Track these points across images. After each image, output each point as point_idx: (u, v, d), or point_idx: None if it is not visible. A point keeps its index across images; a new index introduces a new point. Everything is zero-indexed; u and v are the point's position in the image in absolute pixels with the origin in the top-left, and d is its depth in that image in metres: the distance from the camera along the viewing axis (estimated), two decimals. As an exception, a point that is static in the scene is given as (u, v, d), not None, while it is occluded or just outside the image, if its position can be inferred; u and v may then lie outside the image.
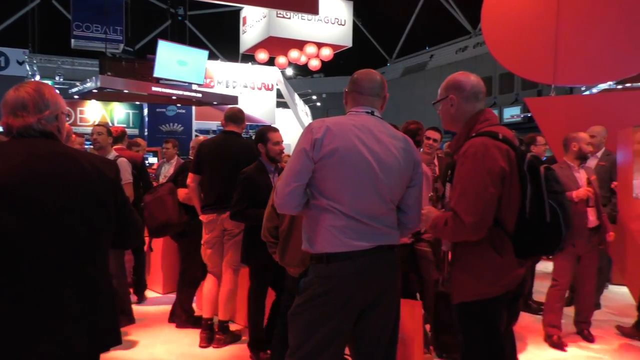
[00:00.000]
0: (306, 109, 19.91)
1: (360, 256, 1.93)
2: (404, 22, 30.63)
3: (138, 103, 15.40)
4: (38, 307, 1.50)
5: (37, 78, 17.07)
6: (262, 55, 13.71)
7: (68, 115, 13.88)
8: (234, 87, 15.54)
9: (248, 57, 15.52)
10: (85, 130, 12.30)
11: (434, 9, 27.90)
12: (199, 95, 12.63)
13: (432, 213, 2.18)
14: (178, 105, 14.38)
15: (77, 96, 12.69)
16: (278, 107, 17.24)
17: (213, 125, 16.16)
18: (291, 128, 15.50)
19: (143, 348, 3.87)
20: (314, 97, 29.87)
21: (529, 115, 17.01)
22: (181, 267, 4.38)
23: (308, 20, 12.72)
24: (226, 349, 3.80)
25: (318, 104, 30.26)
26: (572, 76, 6.05)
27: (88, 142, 7.49)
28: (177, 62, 12.15)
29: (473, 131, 2.11)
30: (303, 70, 25.47)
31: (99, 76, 10.70)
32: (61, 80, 18.40)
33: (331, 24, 13.09)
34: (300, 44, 13.11)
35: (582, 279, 3.99)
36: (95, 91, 11.02)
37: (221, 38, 25.86)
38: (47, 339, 1.51)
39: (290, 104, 17.34)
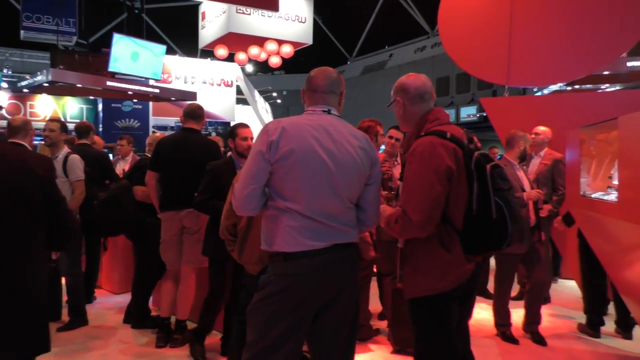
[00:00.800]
0: (266, 106, 19.82)
1: (317, 255, 1.95)
2: (364, 21, 30.90)
3: (92, 98, 14.93)
4: None
5: (-16, 70, 16.30)
6: (222, 51, 13.53)
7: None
8: (193, 83, 15.29)
9: (207, 53, 15.30)
10: (37, 125, 11.82)
11: (394, 9, 28.28)
12: (157, 90, 12.41)
13: (386, 211, 2.22)
14: (134, 100, 14.05)
15: (27, 90, 12.27)
16: (238, 104, 17.09)
17: (171, 121, 15.87)
18: (251, 125, 15.36)
19: (96, 350, 3.77)
20: (275, 94, 29.79)
21: (485, 114, 17.50)
22: (137, 266, 4.29)
23: (268, 17, 12.64)
24: (184, 349, 3.74)
25: (279, 101, 30.18)
26: (525, 77, 6.27)
27: (39, 138, 7.26)
28: (134, 57, 11.86)
29: (423, 130, 2.17)
30: (263, 67, 25.30)
31: (50, 69, 10.37)
32: (10, 72, 17.64)
33: (291, 21, 13.05)
34: (260, 41, 13.02)
35: (531, 276, 4.01)
36: (46, 85, 10.70)
37: (179, 33, 25.42)
38: None
39: (250, 101, 17.21)
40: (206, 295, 3.59)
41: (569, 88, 10.09)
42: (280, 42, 13.14)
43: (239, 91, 16.81)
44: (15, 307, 1.54)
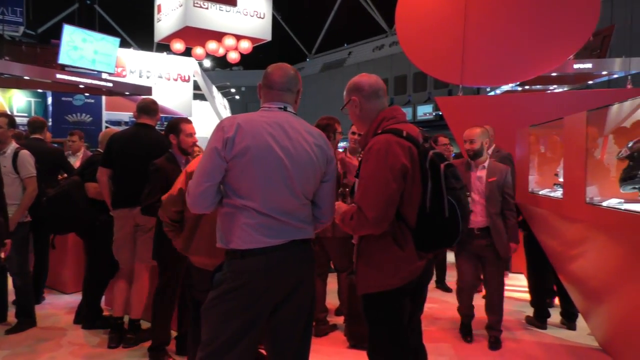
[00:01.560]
0: (225, 102, 19.58)
1: (274, 251, 1.95)
2: (323, 19, 30.98)
3: (41, 91, 14.35)
4: None
5: None
6: (178, 45, 13.24)
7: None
8: (148, 77, 14.94)
9: (163, 47, 14.95)
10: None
11: (352, 7, 28.48)
12: (110, 84, 12.07)
13: (341, 207, 2.24)
14: (86, 94, 13.59)
15: (-31, 81, 11.65)
16: (195, 99, 16.81)
17: (125, 116, 15.43)
18: (209, 121, 15.19)
19: (46, 353, 3.64)
20: (233, 90, 29.46)
21: (441, 113, 17.88)
22: (88, 265, 4.17)
23: (226, 11, 12.46)
24: (136, 349, 3.67)
25: (237, 97, 29.89)
26: (478, 77, 6.47)
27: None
28: (85, 49, 11.46)
29: (380, 128, 2.20)
30: (222, 62, 24.99)
31: (-5, 60, 9.90)
32: (-50, 63, 16.70)
33: (250, 17, 12.91)
34: (218, 36, 12.81)
35: (486, 281, 3.98)
36: (-10, 77, 10.21)
37: (134, 25, 24.75)
38: None
39: (207, 97, 16.96)
40: (154, 297, 3.45)
41: (520, 88, 10.44)
42: (238, 38, 12.97)
43: (197, 86, 16.53)
44: None
